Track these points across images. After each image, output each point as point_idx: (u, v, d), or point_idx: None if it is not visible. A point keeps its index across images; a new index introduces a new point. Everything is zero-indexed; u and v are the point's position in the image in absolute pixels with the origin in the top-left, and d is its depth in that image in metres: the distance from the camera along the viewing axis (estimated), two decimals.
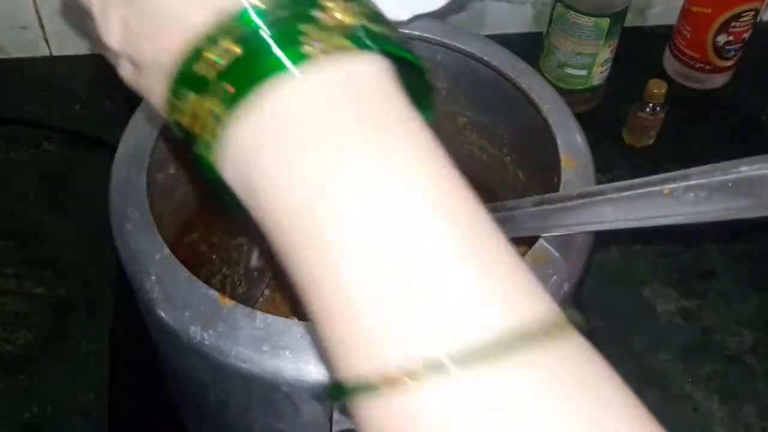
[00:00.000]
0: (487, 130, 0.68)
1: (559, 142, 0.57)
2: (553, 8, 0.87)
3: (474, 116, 0.68)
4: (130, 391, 0.64)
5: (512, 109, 0.63)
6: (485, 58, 0.62)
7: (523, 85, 0.60)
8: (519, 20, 1.00)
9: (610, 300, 0.77)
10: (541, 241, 0.51)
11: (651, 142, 0.90)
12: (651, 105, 0.86)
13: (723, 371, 0.73)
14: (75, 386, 0.68)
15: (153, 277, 0.49)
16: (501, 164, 0.68)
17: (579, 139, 0.58)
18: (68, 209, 0.80)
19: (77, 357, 0.70)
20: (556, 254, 0.51)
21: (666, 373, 0.72)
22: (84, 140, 0.86)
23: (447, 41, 0.64)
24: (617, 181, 0.90)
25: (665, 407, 0.70)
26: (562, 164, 0.55)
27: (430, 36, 0.64)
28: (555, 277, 0.50)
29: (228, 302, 0.47)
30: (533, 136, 0.61)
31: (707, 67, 0.95)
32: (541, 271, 0.50)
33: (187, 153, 0.30)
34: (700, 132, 0.93)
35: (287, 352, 0.46)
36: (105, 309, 0.72)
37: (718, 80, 0.97)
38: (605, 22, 0.84)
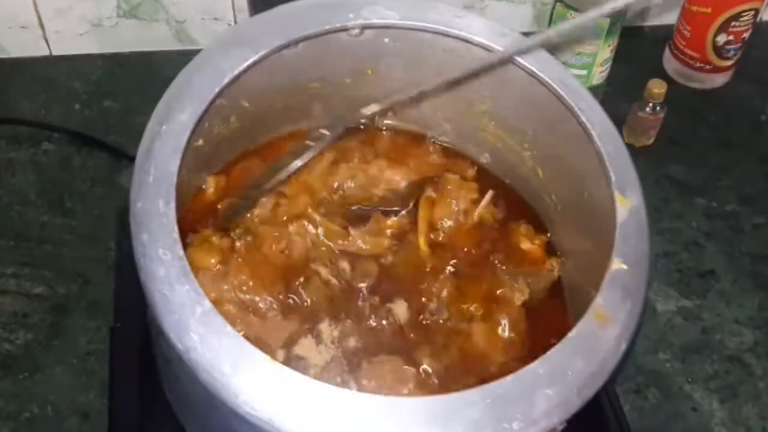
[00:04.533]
0: (508, 122, 0.66)
1: (612, 178, 0.54)
2: (553, 8, 0.87)
3: (496, 108, 0.66)
4: (130, 391, 0.64)
5: (547, 115, 0.61)
6: (531, 67, 0.60)
7: (572, 104, 0.58)
8: (519, 20, 1.00)
9: None
10: (599, 299, 0.49)
11: (651, 141, 0.90)
12: (651, 105, 0.86)
13: (723, 371, 0.73)
14: (75, 386, 0.68)
15: (194, 336, 0.44)
16: (518, 157, 0.67)
17: (633, 173, 0.56)
18: (68, 209, 0.80)
19: (77, 357, 0.70)
20: (617, 312, 0.49)
21: (666, 373, 0.72)
22: (84, 140, 0.86)
23: (490, 44, 0.60)
24: None
25: (665, 407, 0.70)
26: (617, 204, 0.53)
27: (472, 36, 0.61)
28: (614, 337, 0.48)
29: (278, 366, 0.44)
30: (568, 146, 0.59)
31: (707, 66, 0.95)
32: (601, 332, 0.48)
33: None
34: (700, 132, 0.93)
35: (343, 423, 0.43)
36: (105, 309, 0.72)
37: (718, 80, 0.97)
38: (605, 21, 0.84)
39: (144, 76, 0.92)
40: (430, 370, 0.57)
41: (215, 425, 0.53)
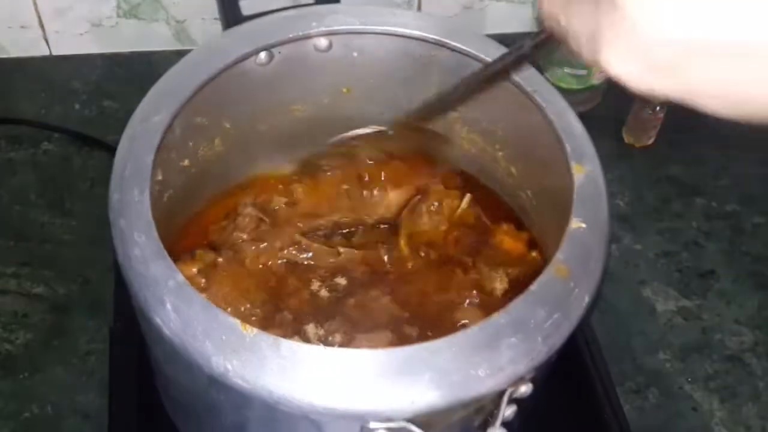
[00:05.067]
0: (480, 125, 0.67)
1: (567, 148, 0.56)
2: None
3: (466, 111, 0.67)
4: (130, 391, 0.64)
5: (511, 108, 0.62)
6: (487, 58, 0.62)
7: (527, 88, 0.59)
8: (519, 20, 1.00)
9: (610, 300, 0.77)
10: (559, 254, 0.50)
11: (651, 141, 0.90)
12: (651, 105, 0.86)
13: (723, 371, 0.73)
14: (75, 386, 0.68)
15: (168, 306, 0.46)
16: (492, 159, 0.68)
17: (587, 143, 0.57)
18: (68, 209, 0.80)
19: (77, 357, 0.70)
20: (577, 267, 0.50)
21: (666, 373, 0.72)
22: (84, 140, 0.86)
23: (446, 40, 0.63)
24: (617, 181, 0.90)
25: (665, 407, 0.70)
26: (573, 171, 0.55)
27: (428, 35, 0.63)
28: (576, 290, 0.49)
29: (250, 330, 0.45)
30: (532, 136, 0.60)
31: None
32: (562, 284, 0.49)
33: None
34: (700, 132, 0.93)
35: (315, 380, 0.44)
36: (105, 309, 0.72)
37: None
38: None
39: (144, 76, 0.91)
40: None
41: (199, 403, 0.54)
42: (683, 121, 0.93)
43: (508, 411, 0.48)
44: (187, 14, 0.93)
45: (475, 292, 0.63)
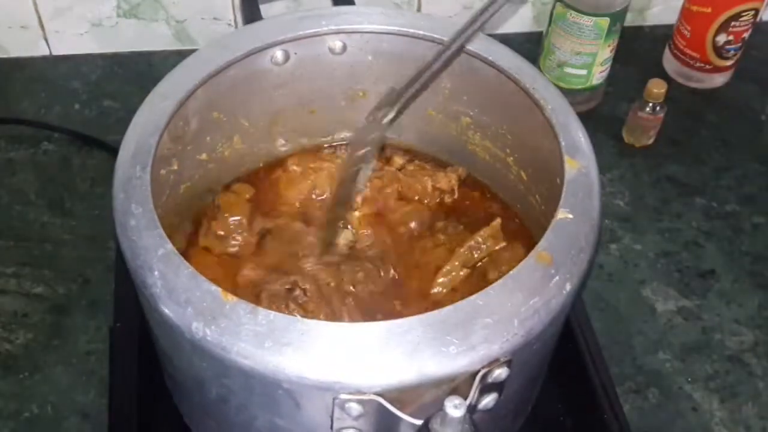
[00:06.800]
0: (490, 130, 0.68)
1: (562, 143, 0.56)
2: (553, 8, 0.87)
3: (477, 116, 0.68)
4: (130, 391, 0.64)
5: (516, 110, 0.63)
6: (489, 57, 0.62)
7: (527, 86, 0.60)
8: (519, 20, 1.00)
9: (610, 300, 0.77)
10: (543, 242, 0.51)
11: (651, 141, 0.90)
12: (651, 105, 0.86)
13: (723, 371, 0.73)
14: (75, 386, 0.68)
15: (156, 273, 0.48)
16: (504, 165, 0.68)
17: (582, 139, 0.57)
18: (68, 209, 0.80)
19: (77, 357, 0.70)
20: (561, 255, 0.50)
21: (666, 373, 0.72)
22: (84, 140, 0.86)
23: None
24: (617, 181, 0.90)
25: (665, 407, 0.70)
26: (566, 165, 0.55)
27: (435, 35, 0.64)
28: (557, 277, 0.50)
29: (230, 298, 0.47)
30: (536, 137, 0.61)
31: (707, 66, 0.95)
32: (543, 271, 0.50)
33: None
34: (699, 132, 0.93)
35: (289, 349, 0.45)
36: (105, 309, 0.72)
37: (718, 80, 0.97)
38: (605, 21, 0.84)
39: (144, 76, 0.92)
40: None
41: (188, 375, 0.55)
42: (683, 121, 0.93)
43: (487, 398, 0.48)
44: (187, 14, 0.93)
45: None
